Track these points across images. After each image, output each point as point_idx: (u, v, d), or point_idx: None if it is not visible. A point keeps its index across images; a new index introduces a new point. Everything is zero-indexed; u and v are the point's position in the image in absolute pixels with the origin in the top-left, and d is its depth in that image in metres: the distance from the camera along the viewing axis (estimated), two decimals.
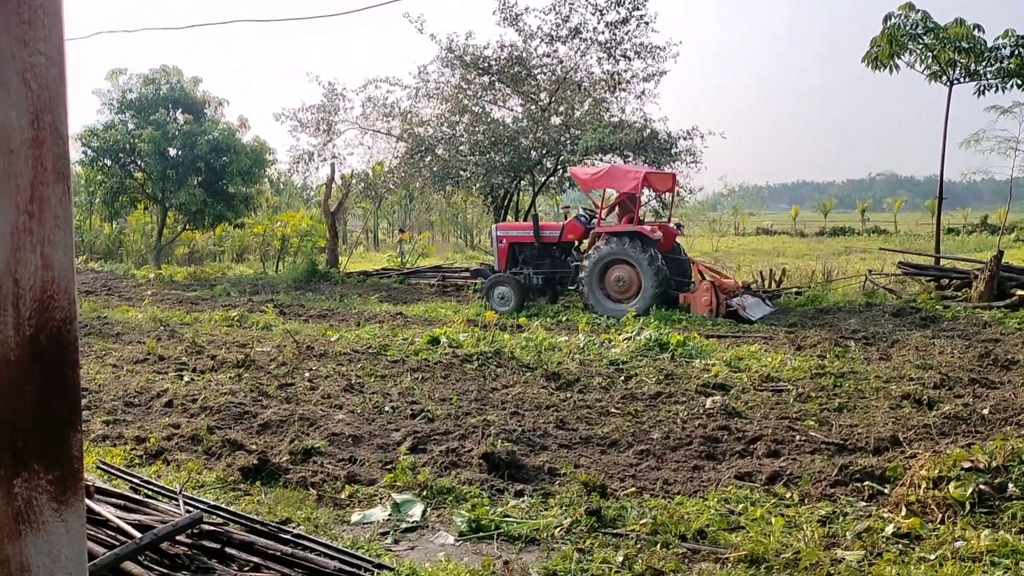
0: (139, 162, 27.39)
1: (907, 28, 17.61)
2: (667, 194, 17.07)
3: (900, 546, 4.25)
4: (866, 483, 5.17)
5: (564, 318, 14.49)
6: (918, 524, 4.39)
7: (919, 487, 4.74)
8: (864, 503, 4.93)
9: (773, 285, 19.26)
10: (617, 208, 15.95)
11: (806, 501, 4.98)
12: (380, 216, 50.20)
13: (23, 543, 1.22)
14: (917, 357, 9.87)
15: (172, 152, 26.82)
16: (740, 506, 4.87)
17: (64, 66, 1.18)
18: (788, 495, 5.07)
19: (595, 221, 15.80)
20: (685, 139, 20.27)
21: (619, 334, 11.64)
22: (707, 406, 7.54)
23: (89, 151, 26.84)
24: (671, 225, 15.88)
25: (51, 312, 1.19)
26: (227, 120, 28.26)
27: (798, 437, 6.40)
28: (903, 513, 4.59)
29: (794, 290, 18.16)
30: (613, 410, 7.56)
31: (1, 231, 1.19)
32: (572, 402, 7.84)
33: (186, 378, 9.08)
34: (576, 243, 15.90)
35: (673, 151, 20.21)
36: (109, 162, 27.09)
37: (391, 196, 29.79)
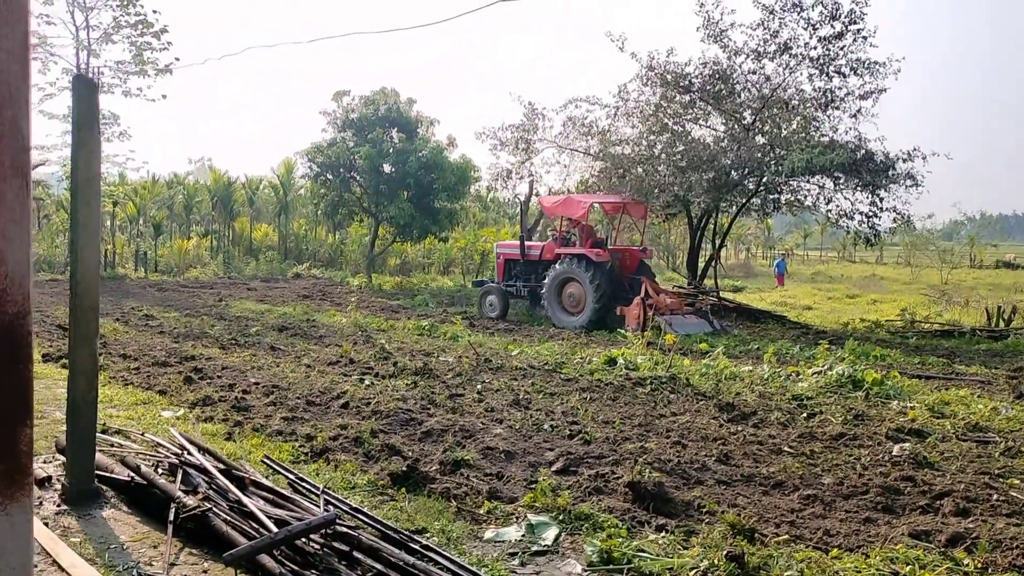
0: (357, 177, 29.29)
1: None
2: (640, 221, 19.31)
3: None
4: None
5: (754, 346, 13.79)
6: None
7: None
8: None
9: (1001, 324, 17.31)
10: (579, 233, 18.17)
11: (989, 570, 4.34)
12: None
13: None
14: None
15: (386, 168, 28.45)
16: (907, 568, 4.31)
17: (28, 63, 1.18)
18: (967, 561, 4.44)
19: (573, 242, 18.01)
20: (905, 160, 18.64)
21: (808, 368, 10.88)
22: (894, 453, 6.84)
23: (314, 166, 29.02)
24: (637, 250, 18.11)
25: (2, 306, 1.19)
26: (437, 139, 29.55)
27: (996, 496, 5.63)
28: None
29: None
30: (786, 449, 7.04)
31: None
32: (742, 436, 7.38)
33: (367, 382, 9.50)
34: (555, 261, 17.66)
35: (891, 173, 18.66)
36: (331, 176, 29.11)
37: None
